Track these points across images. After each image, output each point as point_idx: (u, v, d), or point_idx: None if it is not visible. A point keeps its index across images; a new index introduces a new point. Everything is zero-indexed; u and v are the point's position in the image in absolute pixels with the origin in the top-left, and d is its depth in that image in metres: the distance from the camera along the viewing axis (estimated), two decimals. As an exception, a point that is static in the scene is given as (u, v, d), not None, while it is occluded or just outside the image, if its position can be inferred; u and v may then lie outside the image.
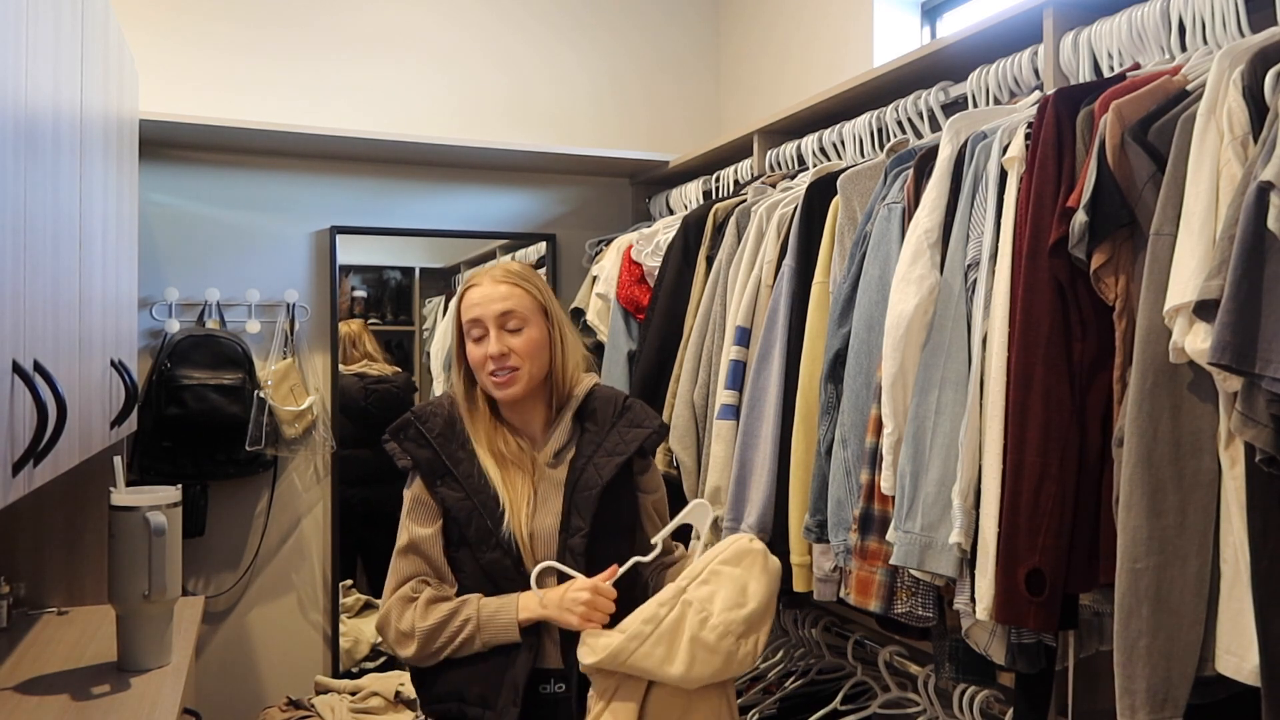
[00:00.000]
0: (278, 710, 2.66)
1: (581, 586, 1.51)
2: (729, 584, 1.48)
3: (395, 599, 1.58)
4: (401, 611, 1.56)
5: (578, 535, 1.58)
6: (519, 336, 1.63)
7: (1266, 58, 1.17)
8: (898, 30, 2.65)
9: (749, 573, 1.50)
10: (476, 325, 1.63)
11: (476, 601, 1.55)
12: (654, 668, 1.44)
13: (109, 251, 1.90)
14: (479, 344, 1.63)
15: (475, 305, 1.64)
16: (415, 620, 1.54)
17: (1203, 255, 1.13)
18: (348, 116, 2.91)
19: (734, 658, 1.45)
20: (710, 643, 1.44)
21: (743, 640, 1.46)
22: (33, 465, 1.23)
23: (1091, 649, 1.57)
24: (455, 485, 1.60)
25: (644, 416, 1.70)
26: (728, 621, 1.45)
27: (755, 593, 1.48)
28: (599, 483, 1.60)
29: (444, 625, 1.53)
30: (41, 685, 1.77)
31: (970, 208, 1.50)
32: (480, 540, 1.58)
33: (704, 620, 1.45)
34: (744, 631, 1.46)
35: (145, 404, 2.57)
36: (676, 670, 1.43)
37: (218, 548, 2.78)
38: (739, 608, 1.46)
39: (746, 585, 1.49)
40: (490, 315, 1.62)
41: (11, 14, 1.17)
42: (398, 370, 3.08)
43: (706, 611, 1.45)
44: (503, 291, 1.64)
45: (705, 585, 1.48)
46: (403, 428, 1.65)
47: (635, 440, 1.65)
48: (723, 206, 2.31)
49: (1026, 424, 1.33)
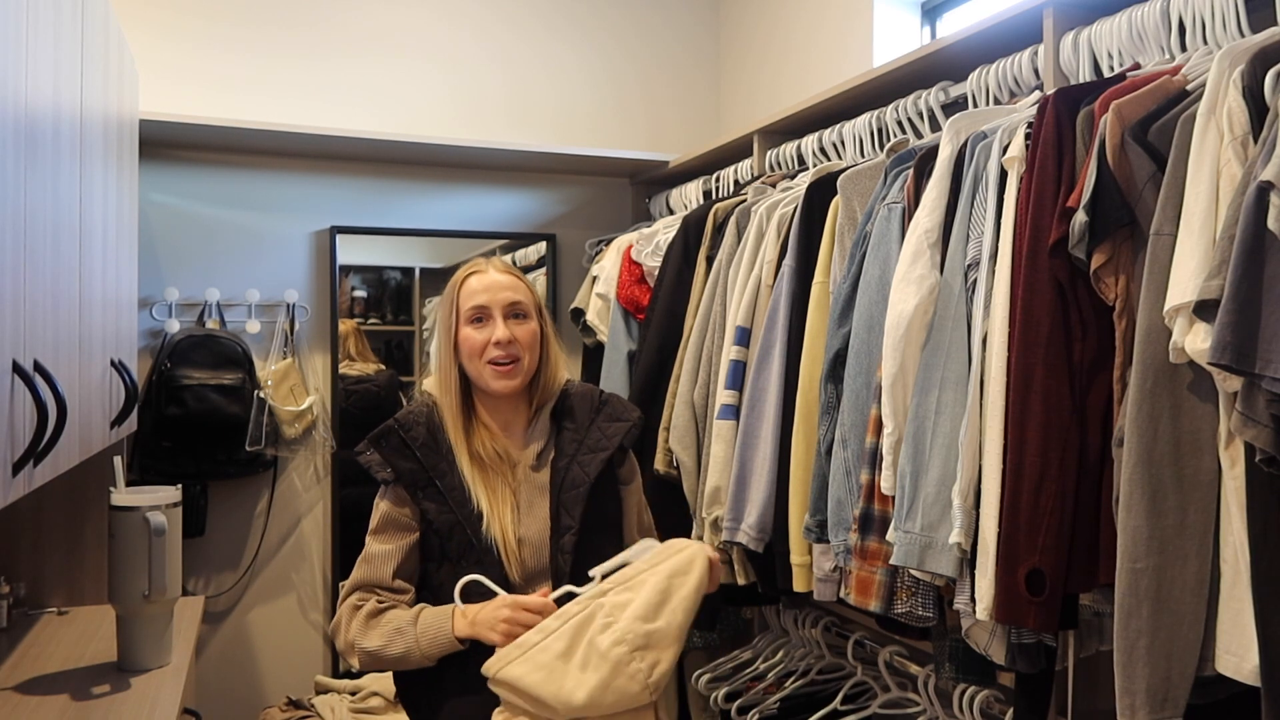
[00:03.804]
0: (278, 710, 2.66)
1: (502, 603, 1.46)
2: (651, 594, 1.40)
3: (345, 606, 1.58)
4: (348, 621, 1.56)
5: (568, 534, 1.56)
6: (523, 327, 1.61)
7: (1266, 58, 1.17)
8: (898, 30, 2.65)
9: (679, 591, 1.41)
10: (480, 310, 1.59)
11: (414, 622, 1.52)
12: (542, 677, 1.36)
13: (109, 251, 1.90)
14: (480, 329, 1.59)
15: (480, 292, 1.60)
16: (357, 637, 1.54)
17: (1203, 255, 1.13)
18: (348, 116, 2.91)
19: (622, 670, 1.35)
20: (602, 648, 1.36)
21: (638, 654, 1.36)
22: (33, 465, 1.23)
23: (1091, 649, 1.57)
24: (438, 498, 1.56)
25: (622, 410, 1.69)
26: (625, 630, 1.36)
27: (671, 611, 1.40)
28: (586, 480, 1.59)
29: (383, 649, 1.52)
30: (41, 685, 1.77)
31: (970, 208, 1.50)
32: (461, 555, 1.55)
33: (607, 625, 1.37)
34: (642, 645, 1.36)
35: (145, 404, 2.57)
36: (571, 686, 1.34)
37: (218, 548, 2.78)
38: (646, 620, 1.37)
39: (666, 602, 1.40)
40: (498, 302, 1.60)
41: (11, 14, 1.17)
42: (380, 369, 3.06)
43: (613, 617, 1.38)
44: (510, 280, 1.62)
45: (628, 591, 1.41)
46: (384, 435, 1.60)
47: (617, 435, 1.64)
48: (723, 206, 2.31)
49: (1026, 424, 1.33)
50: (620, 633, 1.36)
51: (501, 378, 1.59)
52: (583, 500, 1.57)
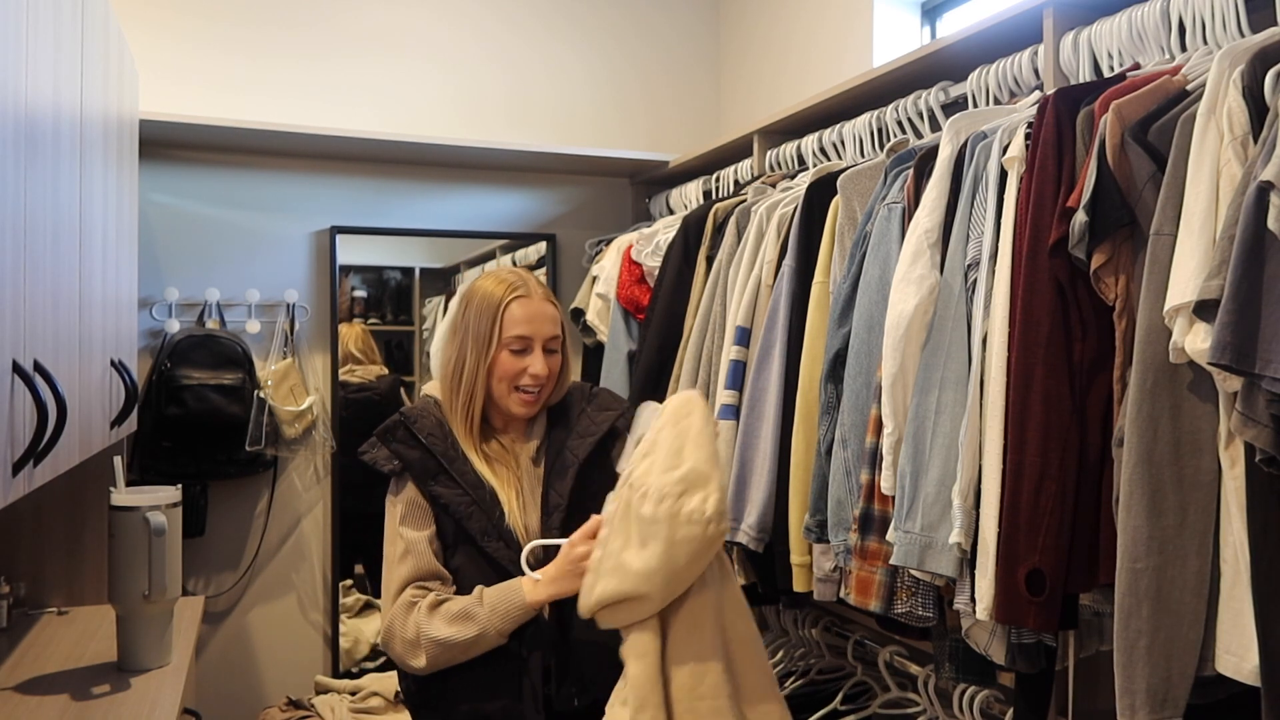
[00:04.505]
0: (278, 710, 2.66)
1: (568, 550, 1.48)
2: (666, 446, 1.37)
3: (397, 607, 1.56)
4: (405, 619, 1.54)
5: (556, 512, 1.60)
6: (555, 359, 1.67)
7: (1266, 58, 1.17)
8: (898, 30, 2.65)
9: (689, 432, 1.38)
10: (522, 341, 1.63)
11: (479, 602, 1.52)
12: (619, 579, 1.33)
13: (109, 251, 1.90)
14: (519, 358, 1.63)
15: (527, 321, 1.63)
16: (422, 628, 1.52)
17: (1203, 255, 1.13)
18: (348, 116, 2.91)
19: (678, 524, 1.30)
20: (648, 516, 1.32)
21: (684, 499, 1.31)
22: (33, 465, 1.23)
23: (1091, 649, 1.57)
24: (451, 483, 1.59)
25: (612, 400, 1.75)
26: (658, 488, 1.32)
27: (692, 450, 1.36)
28: (574, 461, 1.64)
29: (455, 637, 1.50)
30: (41, 685, 1.77)
31: (970, 208, 1.50)
32: (483, 533, 1.57)
33: (643, 496, 1.34)
34: (681, 490, 1.32)
35: (145, 404, 2.57)
36: (641, 563, 1.31)
37: (218, 548, 2.78)
38: (672, 469, 1.34)
39: (682, 447, 1.36)
40: (542, 336, 1.64)
41: (11, 14, 1.17)
42: (384, 373, 3.06)
43: (645, 485, 1.35)
44: (552, 312, 1.67)
45: (645, 459, 1.39)
46: (391, 429, 1.64)
47: (606, 421, 1.69)
48: (723, 206, 2.31)
49: (1026, 424, 1.33)
50: (656, 493, 1.33)
51: (526, 406, 1.66)
52: (571, 479, 1.62)
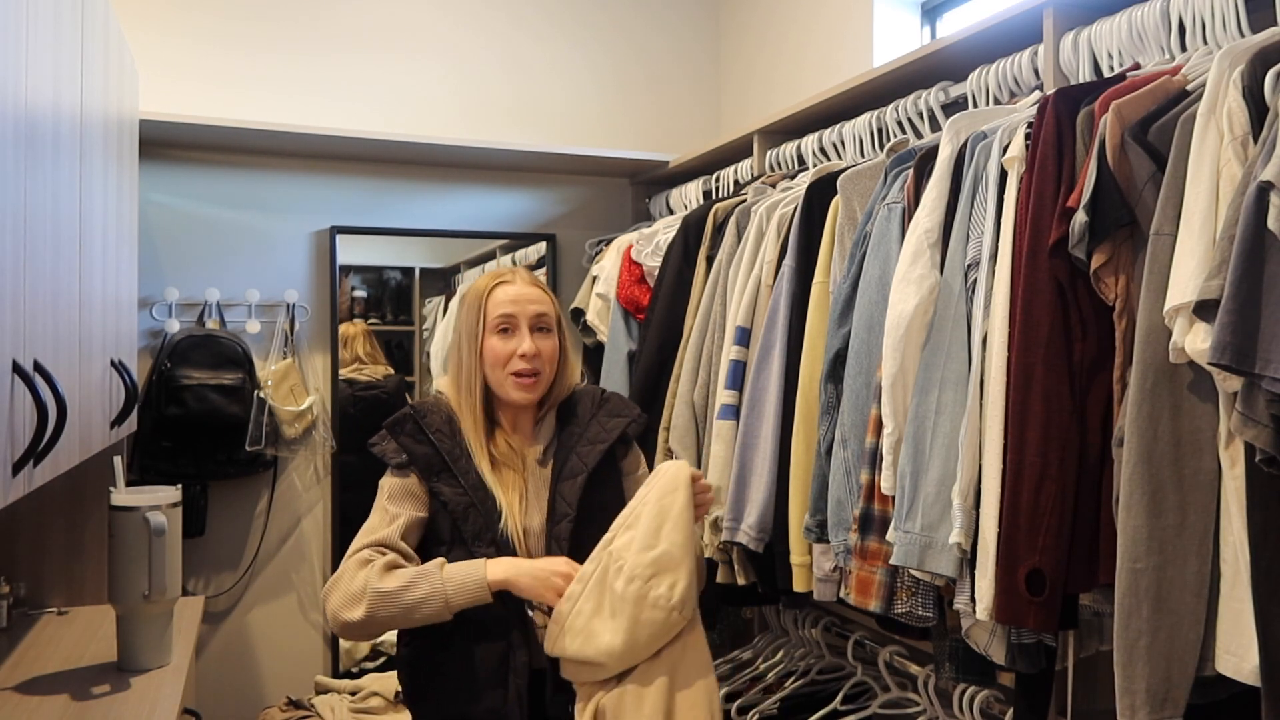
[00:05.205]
0: (278, 710, 2.66)
1: (565, 563, 1.50)
2: (648, 523, 1.42)
3: (351, 561, 1.52)
4: (355, 574, 1.48)
5: (564, 521, 1.59)
6: (547, 341, 1.66)
7: (1266, 58, 1.17)
8: (897, 30, 2.65)
9: (671, 510, 1.43)
10: (507, 320, 1.64)
11: (439, 567, 1.49)
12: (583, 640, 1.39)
13: (109, 251, 1.90)
14: (506, 339, 1.63)
15: (509, 302, 1.64)
16: (370, 581, 1.46)
17: (1203, 255, 1.13)
18: (348, 115, 2.91)
19: (644, 604, 1.38)
20: (619, 591, 1.38)
21: (652, 582, 1.38)
22: (33, 465, 1.23)
23: (1091, 649, 1.57)
24: (454, 482, 1.59)
25: (623, 406, 1.73)
26: (632, 566, 1.39)
27: (670, 531, 1.42)
28: (584, 469, 1.62)
29: (403, 590, 1.45)
30: (41, 685, 1.77)
31: (970, 208, 1.50)
32: (476, 535, 1.57)
33: (619, 569, 1.40)
34: (651, 573, 1.39)
35: (145, 404, 2.57)
36: (607, 637, 1.37)
37: (218, 548, 2.78)
38: (649, 549, 1.40)
39: (661, 526, 1.42)
40: (526, 314, 1.64)
41: (11, 14, 1.17)
42: (390, 373, 3.07)
43: (622, 559, 1.40)
44: (537, 294, 1.67)
45: (629, 530, 1.43)
46: (400, 422, 1.64)
47: (616, 428, 1.68)
48: (723, 206, 2.31)
49: (1026, 424, 1.33)
50: (629, 570, 1.40)
51: (522, 389, 1.64)
52: (580, 488, 1.60)
